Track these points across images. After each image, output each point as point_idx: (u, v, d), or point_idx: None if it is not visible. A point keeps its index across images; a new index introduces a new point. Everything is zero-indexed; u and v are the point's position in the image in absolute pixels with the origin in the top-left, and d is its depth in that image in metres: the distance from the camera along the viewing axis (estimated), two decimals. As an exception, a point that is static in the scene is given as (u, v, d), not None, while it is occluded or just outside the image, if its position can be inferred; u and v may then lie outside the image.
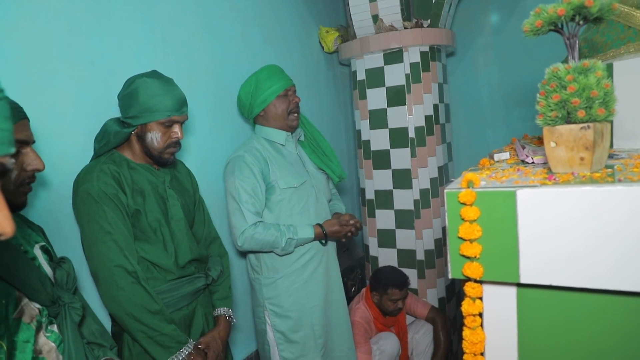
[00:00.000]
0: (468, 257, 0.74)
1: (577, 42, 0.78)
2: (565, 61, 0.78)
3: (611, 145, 1.06)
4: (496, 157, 1.09)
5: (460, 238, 0.74)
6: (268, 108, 1.87)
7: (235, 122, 2.19)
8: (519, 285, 0.74)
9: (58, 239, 1.36)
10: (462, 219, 0.73)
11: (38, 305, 0.93)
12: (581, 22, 0.76)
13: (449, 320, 2.56)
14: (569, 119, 0.75)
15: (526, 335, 0.75)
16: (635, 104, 1.02)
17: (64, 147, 1.43)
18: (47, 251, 1.06)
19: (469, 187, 0.73)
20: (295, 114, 1.91)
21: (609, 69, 1.06)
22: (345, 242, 1.97)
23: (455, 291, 2.92)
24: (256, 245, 1.76)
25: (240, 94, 1.93)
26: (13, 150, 0.52)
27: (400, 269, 2.54)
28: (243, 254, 2.07)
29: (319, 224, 1.87)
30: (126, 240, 1.29)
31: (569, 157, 0.75)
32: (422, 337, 2.52)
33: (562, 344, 0.73)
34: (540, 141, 1.22)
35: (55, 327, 0.95)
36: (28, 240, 1.02)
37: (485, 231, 0.72)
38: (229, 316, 1.59)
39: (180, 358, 1.32)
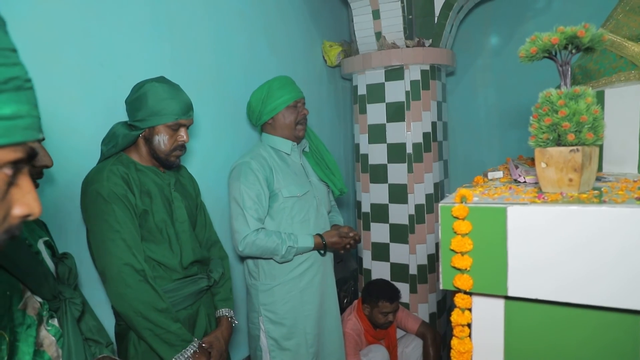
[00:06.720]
0: (459, 269, 0.77)
1: (570, 69, 0.82)
2: (559, 87, 0.83)
3: (601, 169, 1.10)
4: (490, 175, 1.13)
5: (452, 250, 0.77)
6: (277, 117, 1.91)
7: (238, 129, 2.23)
8: (507, 298, 0.77)
9: (61, 236, 1.38)
10: (455, 232, 0.76)
11: (39, 299, 0.95)
12: (574, 51, 0.81)
13: (439, 336, 2.58)
14: (559, 142, 0.79)
15: (513, 346, 0.78)
16: (625, 130, 1.06)
17: (71, 146, 1.46)
18: (50, 246, 1.08)
19: (462, 202, 0.76)
20: (302, 125, 1.95)
21: (601, 95, 1.10)
22: (340, 253, 1.99)
23: (446, 307, 2.94)
24: (257, 251, 1.78)
25: (251, 100, 1.96)
26: (42, 136, 0.53)
27: (392, 282, 2.56)
28: (241, 258, 2.09)
29: (319, 234, 1.89)
30: (134, 239, 1.31)
31: (558, 178, 0.79)
32: (411, 351, 2.53)
33: (547, 357, 0.75)
34: (533, 162, 1.26)
35: (55, 322, 0.97)
36: (32, 234, 1.04)
37: (476, 245, 0.75)
38: (231, 317, 1.62)
39: (186, 356, 1.33)
